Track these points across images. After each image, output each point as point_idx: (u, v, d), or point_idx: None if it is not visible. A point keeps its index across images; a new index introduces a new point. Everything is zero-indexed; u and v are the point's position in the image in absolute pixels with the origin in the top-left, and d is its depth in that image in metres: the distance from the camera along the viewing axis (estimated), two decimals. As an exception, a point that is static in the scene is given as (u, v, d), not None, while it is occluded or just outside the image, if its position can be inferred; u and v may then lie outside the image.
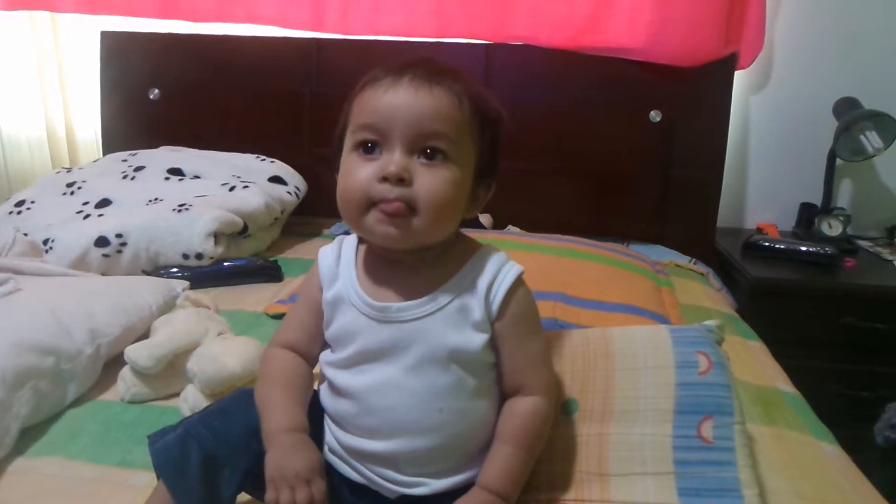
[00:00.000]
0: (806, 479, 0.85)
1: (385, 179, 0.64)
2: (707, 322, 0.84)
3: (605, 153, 1.84)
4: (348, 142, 0.69)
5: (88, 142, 2.18)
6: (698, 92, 1.78)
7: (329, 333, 0.72)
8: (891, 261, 1.74)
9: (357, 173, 0.66)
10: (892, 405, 1.34)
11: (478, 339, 0.68)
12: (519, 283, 0.71)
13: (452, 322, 0.68)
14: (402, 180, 0.63)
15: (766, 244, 1.76)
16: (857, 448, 0.98)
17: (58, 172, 1.78)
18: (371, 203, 0.65)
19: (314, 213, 1.87)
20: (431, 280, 0.69)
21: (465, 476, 0.70)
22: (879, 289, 1.61)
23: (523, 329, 0.71)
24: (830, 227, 1.81)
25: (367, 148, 0.66)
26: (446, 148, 0.65)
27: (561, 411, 0.80)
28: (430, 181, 0.64)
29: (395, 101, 0.65)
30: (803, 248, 1.72)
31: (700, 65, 1.74)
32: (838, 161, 1.83)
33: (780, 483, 0.83)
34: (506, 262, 0.72)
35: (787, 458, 0.91)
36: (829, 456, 0.94)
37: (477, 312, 0.68)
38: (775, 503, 0.77)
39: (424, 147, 0.65)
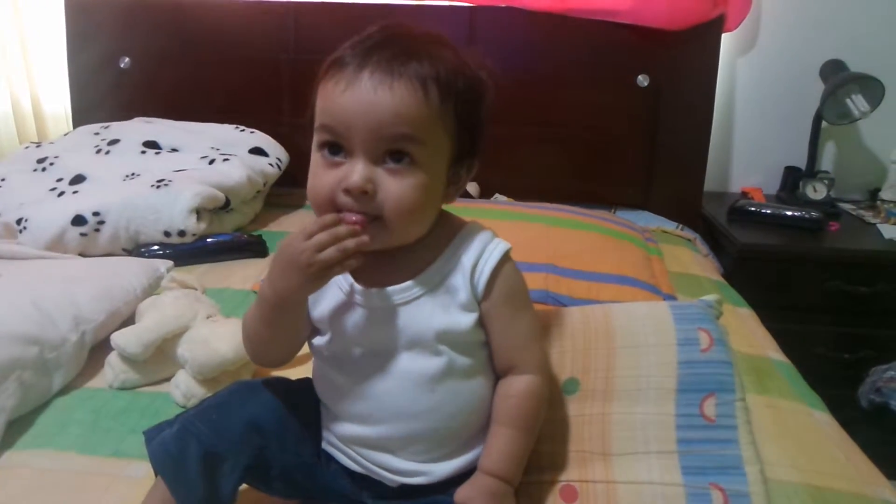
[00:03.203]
0: (800, 450, 0.87)
1: (348, 191, 0.61)
2: (706, 297, 0.84)
3: (591, 118, 1.81)
4: (314, 137, 0.65)
5: (57, 115, 2.09)
6: (685, 55, 1.75)
7: (315, 314, 0.70)
8: (874, 224, 1.75)
9: (322, 178, 0.63)
10: (877, 368, 1.37)
11: (465, 320, 0.67)
12: (505, 260, 0.68)
13: (439, 304, 0.66)
14: (364, 192, 0.61)
15: (752, 209, 1.77)
16: (838, 407, 1.00)
17: (27, 148, 1.72)
18: (338, 210, 0.62)
19: (297, 184, 1.80)
20: (416, 263, 0.67)
21: (465, 460, 0.69)
22: (864, 253, 1.63)
23: (511, 307, 0.69)
24: (815, 190, 1.82)
25: (332, 149, 0.63)
26: (412, 150, 0.61)
27: (562, 390, 0.80)
28: (395, 190, 0.61)
29: (352, 102, 0.60)
30: (789, 213, 1.73)
31: (687, 27, 1.71)
32: (823, 124, 1.83)
33: (776, 454, 0.84)
34: (491, 240, 0.69)
35: (780, 428, 0.92)
36: (821, 425, 0.95)
37: (463, 293, 0.67)
38: (772, 474, 0.77)
39: (389, 149, 0.61)
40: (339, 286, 0.68)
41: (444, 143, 0.64)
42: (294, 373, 0.86)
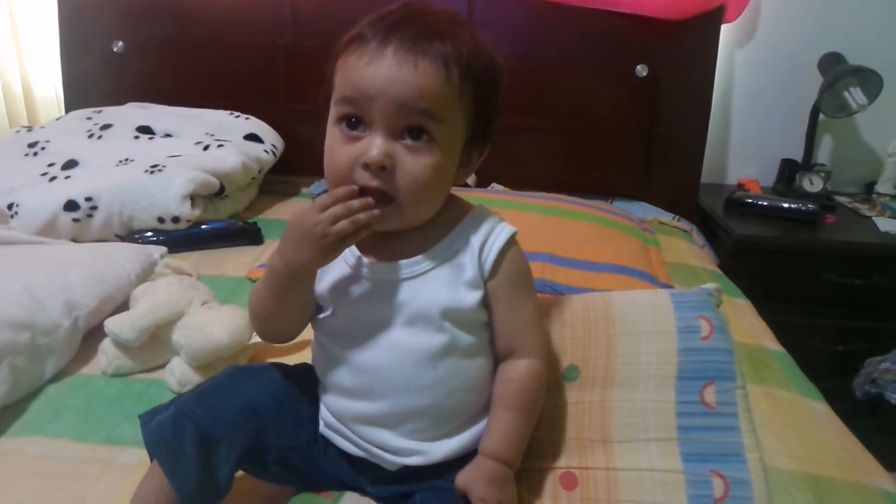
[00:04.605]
0: (798, 439, 0.87)
1: (367, 166, 0.61)
2: (706, 285, 0.84)
3: (589, 108, 1.81)
4: (332, 111, 0.65)
5: (48, 99, 2.06)
6: (684, 46, 1.75)
7: (320, 288, 0.70)
8: (869, 217, 1.76)
9: (340, 153, 0.63)
10: (872, 360, 1.37)
11: (471, 297, 0.67)
12: (512, 242, 0.70)
13: (446, 280, 0.67)
14: (383, 167, 0.61)
15: (749, 200, 1.77)
16: (833, 399, 1.01)
17: (17, 132, 1.69)
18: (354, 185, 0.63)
19: (292, 171, 1.82)
20: (424, 239, 0.68)
21: (464, 440, 0.69)
22: (859, 245, 1.64)
23: (517, 289, 0.70)
24: (812, 183, 1.82)
25: (350, 123, 0.63)
26: (431, 127, 0.62)
27: (562, 377, 0.79)
28: (412, 168, 0.62)
29: (376, 76, 0.61)
30: (785, 205, 1.73)
31: (687, 18, 1.70)
32: (820, 116, 1.82)
33: (774, 443, 0.84)
34: (499, 223, 0.71)
35: (778, 417, 0.92)
36: (818, 414, 0.95)
37: (470, 270, 0.67)
38: (770, 463, 0.77)
39: (409, 125, 0.62)
40: (345, 260, 0.68)
41: (460, 124, 0.65)
42: (292, 359, 0.85)
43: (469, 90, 0.64)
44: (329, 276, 0.69)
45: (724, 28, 1.77)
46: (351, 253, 0.68)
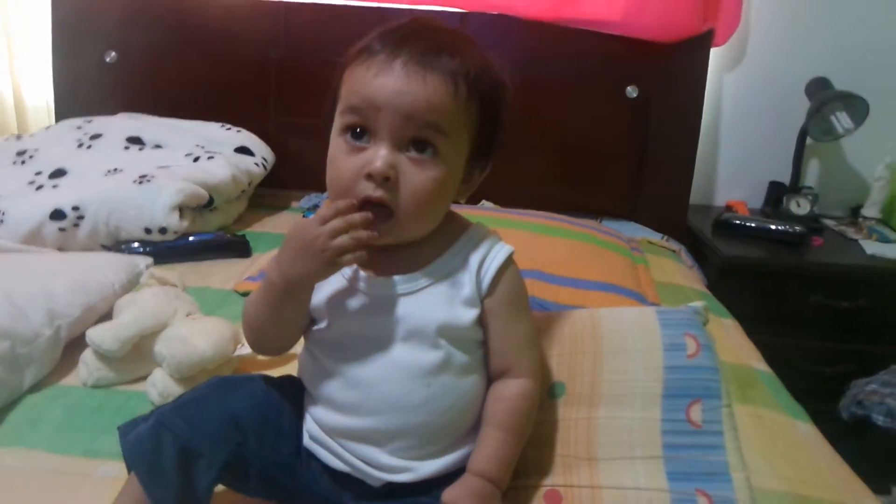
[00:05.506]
0: (784, 459, 0.87)
1: (370, 176, 0.61)
2: (693, 304, 0.84)
3: (580, 128, 1.82)
4: (337, 121, 0.66)
5: (39, 109, 2.05)
6: (675, 68, 1.77)
7: (315, 301, 0.69)
8: (856, 240, 1.77)
9: (344, 164, 0.64)
10: (858, 381, 1.37)
11: (467, 315, 0.67)
12: (510, 261, 0.70)
13: (443, 297, 0.67)
14: (387, 178, 0.61)
15: (737, 222, 1.78)
16: (819, 421, 1.00)
17: (6, 140, 1.68)
18: (357, 197, 0.63)
19: (282, 185, 1.81)
20: (423, 256, 0.68)
21: (452, 459, 0.68)
22: (846, 268, 1.65)
23: (512, 308, 0.70)
24: (799, 205, 1.83)
25: (355, 133, 0.63)
26: (437, 141, 0.63)
27: (547, 394, 0.79)
28: (415, 181, 0.62)
29: (384, 87, 0.61)
30: (773, 227, 1.75)
31: (677, 40, 1.73)
32: (807, 140, 1.85)
33: (760, 463, 0.83)
34: (497, 242, 0.71)
35: (764, 437, 0.92)
36: (804, 435, 0.95)
37: (467, 288, 0.68)
38: (756, 483, 0.76)
39: (415, 138, 0.62)
40: (342, 273, 0.68)
41: (464, 140, 0.66)
42: (276, 372, 0.84)
43: (474, 107, 0.65)
44: (325, 288, 0.68)
45: (713, 52, 1.80)
46: (349, 266, 0.68)
